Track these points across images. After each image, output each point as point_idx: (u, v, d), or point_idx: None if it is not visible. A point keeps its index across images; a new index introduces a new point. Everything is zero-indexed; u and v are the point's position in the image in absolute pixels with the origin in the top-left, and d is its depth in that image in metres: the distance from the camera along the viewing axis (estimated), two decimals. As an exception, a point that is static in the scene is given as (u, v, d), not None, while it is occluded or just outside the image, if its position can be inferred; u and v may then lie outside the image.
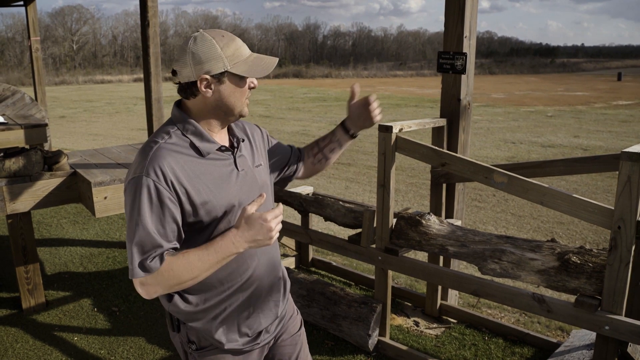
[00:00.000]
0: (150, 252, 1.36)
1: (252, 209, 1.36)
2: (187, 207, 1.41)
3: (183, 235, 1.45)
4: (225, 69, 1.41)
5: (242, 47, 1.46)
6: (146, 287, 1.38)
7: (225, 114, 1.49)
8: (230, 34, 1.46)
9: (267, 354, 1.76)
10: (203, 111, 1.48)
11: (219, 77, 1.42)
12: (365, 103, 1.79)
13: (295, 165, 1.85)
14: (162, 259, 1.37)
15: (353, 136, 1.86)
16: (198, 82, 1.41)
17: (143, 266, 1.35)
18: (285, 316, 1.77)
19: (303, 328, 1.88)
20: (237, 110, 1.49)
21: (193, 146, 1.45)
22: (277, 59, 1.50)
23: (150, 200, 1.36)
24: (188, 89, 1.44)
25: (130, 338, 3.38)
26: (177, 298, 1.54)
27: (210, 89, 1.43)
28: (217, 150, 1.49)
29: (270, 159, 1.76)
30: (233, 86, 1.44)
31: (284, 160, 1.82)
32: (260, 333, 1.65)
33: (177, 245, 1.43)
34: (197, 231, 1.46)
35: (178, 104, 1.51)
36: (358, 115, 1.82)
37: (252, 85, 1.50)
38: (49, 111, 16.26)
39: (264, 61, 1.47)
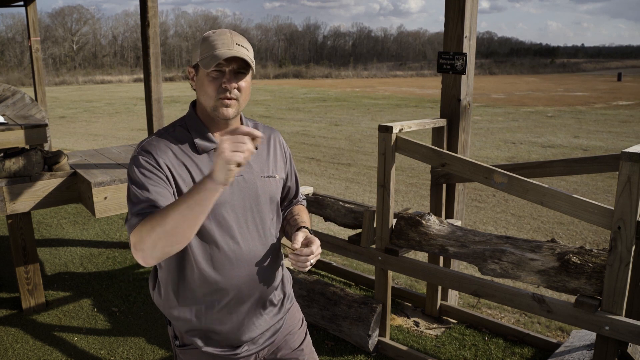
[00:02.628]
0: (139, 211, 1.34)
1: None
2: (173, 187, 1.44)
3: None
4: (197, 61, 1.45)
5: (225, 42, 1.41)
6: (137, 247, 1.29)
7: (206, 110, 1.49)
8: (224, 31, 1.46)
9: None
10: (200, 106, 1.53)
11: (196, 70, 1.47)
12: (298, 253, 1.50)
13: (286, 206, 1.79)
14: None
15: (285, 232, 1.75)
16: (187, 74, 1.51)
17: (130, 220, 1.35)
18: (281, 330, 1.73)
19: (308, 341, 1.83)
20: (208, 105, 1.46)
21: (191, 141, 1.49)
22: (239, 54, 1.40)
23: (141, 172, 1.41)
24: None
25: (130, 338, 3.38)
26: (156, 288, 1.60)
27: (193, 80, 1.50)
28: (214, 150, 1.49)
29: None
30: (202, 79, 1.45)
31: (289, 195, 1.78)
32: (240, 345, 1.62)
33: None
34: None
35: (195, 102, 1.56)
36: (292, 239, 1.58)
37: (224, 85, 1.42)
38: (49, 111, 16.27)
39: (223, 53, 1.39)
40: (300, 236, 1.51)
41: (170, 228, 1.24)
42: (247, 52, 1.44)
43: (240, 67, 1.43)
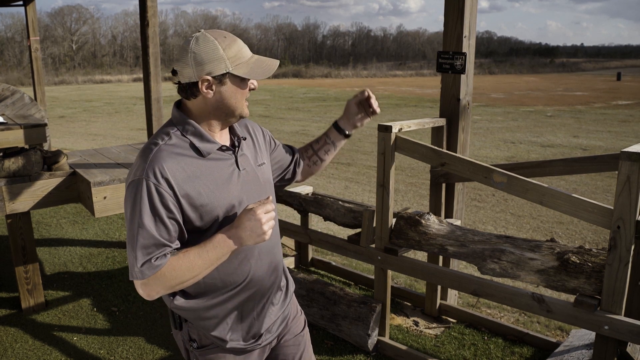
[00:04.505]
0: (154, 253, 1.37)
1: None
2: (187, 208, 1.42)
3: (186, 235, 1.46)
4: (227, 71, 1.41)
5: (243, 48, 1.46)
6: (148, 288, 1.39)
7: (225, 115, 1.49)
8: (232, 35, 1.46)
9: (269, 354, 1.77)
10: (204, 112, 1.47)
11: (220, 79, 1.42)
12: (366, 97, 1.83)
13: (294, 169, 1.86)
14: (165, 259, 1.38)
15: (347, 136, 1.88)
16: (199, 83, 1.41)
17: (148, 267, 1.37)
18: (288, 317, 1.77)
19: (307, 328, 1.87)
20: (238, 111, 1.50)
21: (193, 147, 1.45)
22: (278, 61, 1.50)
23: (152, 203, 1.36)
24: (189, 90, 1.44)
25: (130, 338, 3.38)
26: (179, 296, 1.54)
27: (212, 90, 1.43)
28: (217, 150, 1.48)
29: (271, 162, 1.76)
30: (234, 87, 1.45)
31: (285, 163, 1.82)
32: (261, 334, 1.65)
33: (179, 245, 1.44)
34: (199, 231, 1.46)
35: (178, 105, 1.51)
36: (356, 113, 1.84)
37: (252, 86, 1.50)
38: (49, 111, 16.24)
39: (265, 63, 1.48)
40: (352, 100, 1.83)
41: (193, 276, 1.41)
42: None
43: None
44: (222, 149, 1.49)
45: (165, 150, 1.41)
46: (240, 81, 1.46)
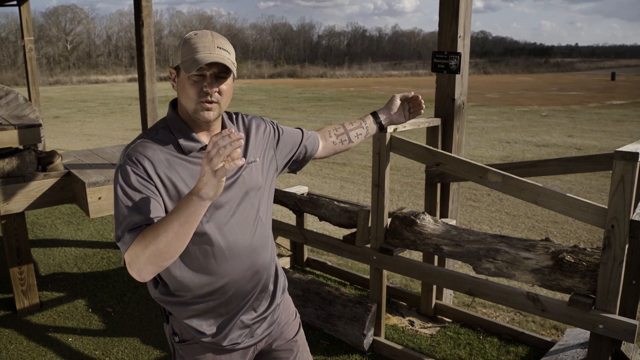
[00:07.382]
0: (130, 225, 1.34)
1: None
2: (164, 194, 1.43)
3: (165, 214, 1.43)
4: (177, 63, 1.43)
5: (206, 45, 1.39)
6: (132, 265, 1.32)
7: (188, 112, 1.47)
8: (207, 32, 1.44)
9: (260, 359, 1.76)
10: (182, 107, 1.51)
11: (177, 72, 1.46)
12: (411, 97, 1.98)
13: (306, 148, 1.83)
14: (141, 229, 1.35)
15: (382, 127, 1.98)
16: (170, 75, 1.48)
17: (129, 236, 1.33)
18: (277, 321, 1.74)
19: (302, 333, 1.85)
20: (189, 108, 1.45)
21: (176, 143, 1.47)
22: (221, 59, 1.38)
23: (129, 184, 1.39)
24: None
25: (125, 339, 3.37)
26: (160, 286, 1.57)
27: (175, 81, 1.48)
28: (200, 149, 1.49)
29: (280, 148, 1.74)
30: (182, 82, 1.44)
31: (295, 144, 1.80)
32: (240, 335, 1.63)
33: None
34: None
35: (173, 103, 1.54)
36: (396, 108, 1.98)
37: (204, 89, 1.41)
38: (43, 111, 16.19)
39: (204, 57, 1.37)
40: (397, 95, 1.97)
41: (163, 246, 1.27)
42: (228, 56, 1.42)
43: (221, 71, 1.42)
44: (205, 148, 1.49)
45: (147, 141, 1.47)
46: (186, 76, 1.41)
